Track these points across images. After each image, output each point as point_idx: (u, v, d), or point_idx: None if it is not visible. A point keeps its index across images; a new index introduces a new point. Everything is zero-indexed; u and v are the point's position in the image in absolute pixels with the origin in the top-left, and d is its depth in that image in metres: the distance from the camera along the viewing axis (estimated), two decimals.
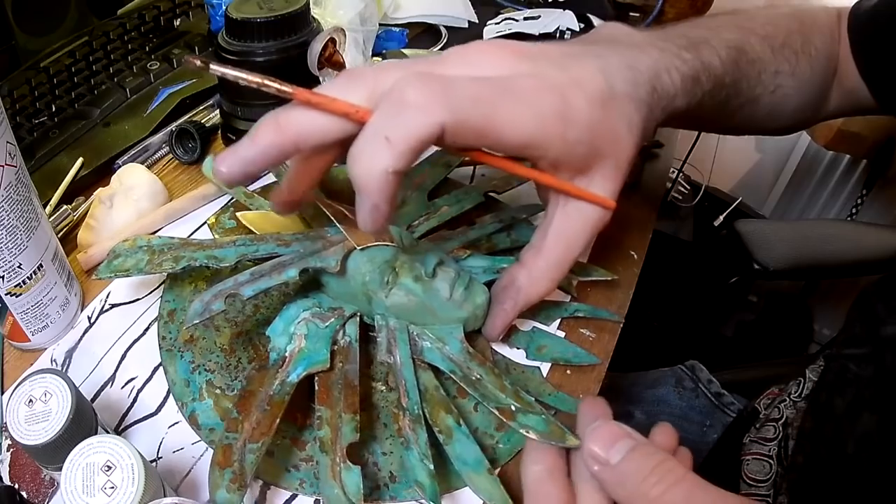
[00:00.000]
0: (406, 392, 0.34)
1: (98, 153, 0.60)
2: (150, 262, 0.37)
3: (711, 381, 0.71)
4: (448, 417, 0.33)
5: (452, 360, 0.35)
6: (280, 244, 0.38)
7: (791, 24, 0.46)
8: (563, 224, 0.35)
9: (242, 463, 0.31)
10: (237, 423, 0.33)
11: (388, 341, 0.36)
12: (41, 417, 0.35)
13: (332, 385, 0.34)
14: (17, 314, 0.44)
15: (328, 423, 0.33)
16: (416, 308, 0.36)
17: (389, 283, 0.36)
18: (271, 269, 0.35)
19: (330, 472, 0.31)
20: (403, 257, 0.36)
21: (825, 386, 0.51)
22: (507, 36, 0.79)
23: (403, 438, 0.33)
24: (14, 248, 0.41)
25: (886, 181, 1.25)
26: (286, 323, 0.36)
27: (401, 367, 0.35)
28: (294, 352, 0.35)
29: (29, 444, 0.35)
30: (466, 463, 0.32)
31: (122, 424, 0.43)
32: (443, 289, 0.36)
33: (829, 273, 0.96)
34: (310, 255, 0.36)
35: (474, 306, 0.36)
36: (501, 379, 0.34)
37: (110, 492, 0.33)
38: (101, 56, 0.71)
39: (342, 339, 0.36)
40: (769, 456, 0.59)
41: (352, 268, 0.36)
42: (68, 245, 0.54)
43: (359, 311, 0.37)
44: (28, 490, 0.40)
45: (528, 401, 0.33)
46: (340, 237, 0.37)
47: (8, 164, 0.39)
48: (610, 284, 0.51)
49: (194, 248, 0.38)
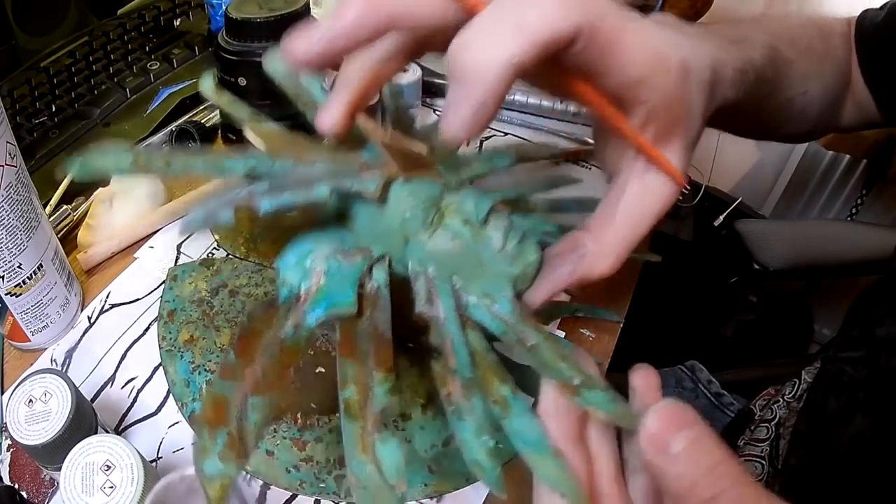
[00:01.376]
0: (454, 351, 0.28)
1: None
2: (136, 164, 0.29)
3: (711, 382, 0.71)
4: (503, 386, 0.27)
5: (503, 320, 0.29)
6: (301, 163, 0.31)
7: (811, 30, 0.46)
8: (639, 196, 0.32)
9: (243, 423, 0.24)
10: (235, 369, 0.26)
11: (427, 290, 0.29)
12: (41, 417, 0.35)
13: (359, 336, 0.28)
14: (17, 314, 0.44)
15: (355, 381, 0.26)
16: (462, 256, 0.30)
17: (434, 224, 0.30)
18: (296, 182, 0.28)
19: (359, 444, 0.25)
20: (452, 197, 0.31)
21: (820, 388, 0.51)
22: None
23: (454, 407, 0.26)
24: (14, 248, 0.41)
25: (886, 181, 1.26)
26: (299, 256, 0.29)
27: (445, 322, 0.28)
28: (312, 289, 0.28)
29: (29, 444, 0.35)
30: (527, 441, 0.26)
31: (122, 424, 0.43)
32: (495, 238, 0.30)
33: (829, 273, 0.96)
34: (343, 174, 0.29)
35: (526, 264, 0.31)
36: (561, 347, 0.28)
37: (109, 491, 0.33)
38: (101, 56, 0.71)
39: (369, 284, 0.30)
40: (761, 457, 0.59)
41: (392, 199, 0.30)
42: (68, 245, 0.54)
43: (388, 255, 0.31)
44: (28, 490, 0.40)
45: (590, 374, 0.27)
46: (375, 162, 0.30)
47: (8, 164, 0.39)
48: (610, 284, 0.51)
49: (192, 155, 0.30)
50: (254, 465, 0.41)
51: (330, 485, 0.41)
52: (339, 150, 0.32)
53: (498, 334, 0.29)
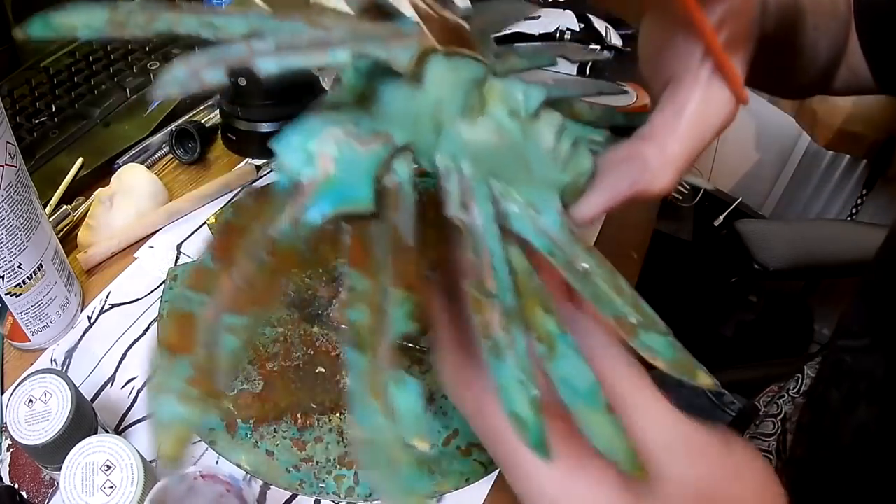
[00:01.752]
0: (493, 269, 0.22)
1: (98, 153, 0.60)
2: (111, 21, 0.22)
3: None
4: (549, 320, 0.22)
5: (551, 236, 0.24)
6: (313, 24, 0.24)
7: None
8: (704, 104, 0.29)
9: (213, 349, 0.18)
10: (210, 276, 0.19)
11: (461, 191, 0.24)
12: (41, 417, 0.35)
13: (375, 241, 0.22)
14: (17, 314, 0.44)
15: (367, 300, 0.21)
16: (506, 153, 0.25)
17: (475, 111, 0.24)
18: (309, 42, 0.22)
19: (368, 385, 0.19)
20: (497, 82, 0.25)
21: (822, 379, 0.51)
22: (507, 36, 0.79)
23: (492, 342, 0.21)
24: (14, 248, 0.41)
25: (886, 181, 1.26)
26: (304, 136, 0.23)
27: (483, 232, 0.23)
28: (318, 177, 0.22)
29: (29, 444, 0.35)
30: (577, 391, 0.21)
31: (122, 424, 0.43)
32: (546, 135, 0.25)
33: (829, 273, 0.96)
34: (368, 39, 0.23)
35: (578, 172, 0.26)
36: (616, 276, 0.23)
37: (109, 491, 0.33)
38: (101, 56, 0.71)
39: (389, 178, 0.24)
40: (769, 451, 0.59)
41: (428, 76, 0.24)
42: (68, 245, 0.54)
43: (413, 146, 0.25)
44: (28, 490, 0.40)
45: (650, 314, 0.23)
46: (411, 32, 0.24)
47: (8, 164, 0.39)
48: None
49: (184, 10, 0.23)
50: (254, 464, 0.41)
51: (330, 485, 0.41)
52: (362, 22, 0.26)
53: (546, 252, 0.24)
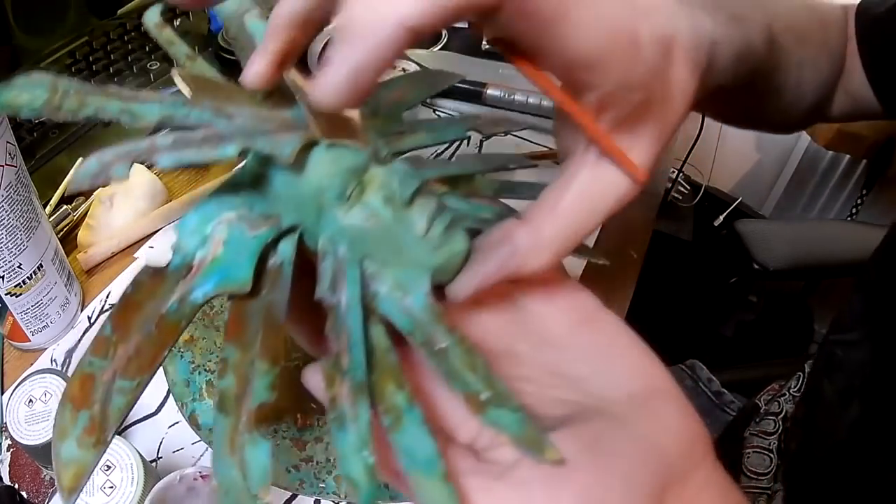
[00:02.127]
0: (349, 347, 0.25)
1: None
2: (48, 103, 0.25)
3: (711, 380, 0.71)
4: (399, 394, 0.25)
5: (413, 316, 0.26)
6: (220, 115, 0.27)
7: (807, 15, 0.44)
8: (588, 188, 0.28)
9: (106, 406, 0.22)
10: (108, 344, 0.23)
11: (333, 274, 0.26)
12: (41, 417, 0.35)
13: (250, 317, 0.25)
14: (17, 314, 0.44)
15: (235, 370, 0.24)
16: (379, 237, 0.27)
17: (352, 198, 0.27)
18: (203, 139, 0.25)
19: (228, 443, 0.22)
20: (377, 170, 0.27)
21: (815, 373, 0.51)
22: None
23: (336, 413, 0.24)
24: (14, 248, 0.41)
25: (886, 181, 1.26)
26: (202, 219, 0.26)
27: (345, 313, 0.25)
28: (206, 259, 0.25)
29: (29, 444, 0.35)
30: (415, 460, 0.23)
31: (122, 424, 0.43)
32: (419, 221, 0.27)
33: (829, 273, 0.96)
34: (256, 134, 0.26)
35: (451, 254, 0.27)
36: (473, 355, 0.25)
37: (109, 491, 0.33)
38: (101, 56, 0.71)
39: (272, 258, 0.26)
40: (769, 450, 0.59)
41: (310, 165, 0.26)
42: (68, 245, 0.54)
43: (300, 227, 0.27)
44: (28, 490, 0.40)
45: (502, 390, 0.25)
46: (300, 122, 0.27)
47: (8, 164, 0.39)
48: (610, 284, 0.51)
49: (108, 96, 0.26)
50: None
51: (330, 485, 0.41)
52: (269, 105, 0.29)
53: (405, 332, 0.26)
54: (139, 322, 0.24)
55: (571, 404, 0.26)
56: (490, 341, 0.28)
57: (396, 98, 0.38)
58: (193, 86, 0.32)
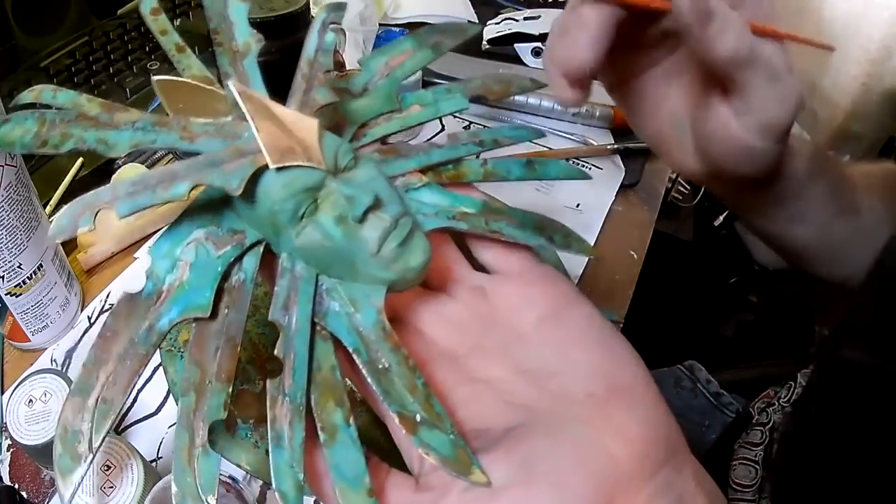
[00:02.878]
0: (292, 370, 0.26)
1: (98, 153, 0.60)
2: (37, 137, 0.27)
3: (710, 381, 0.71)
4: (337, 412, 0.26)
5: (361, 334, 0.27)
6: (184, 136, 0.29)
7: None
8: None
9: (91, 425, 0.25)
10: (91, 370, 0.25)
11: (287, 293, 0.27)
12: (41, 417, 0.35)
13: (209, 338, 0.26)
14: (17, 314, 0.44)
15: (195, 388, 0.25)
16: (332, 255, 0.28)
17: (305, 217, 0.27)
18: (158, 180, 0.26)
19: (185, 454, 0.24)
20: (332, 185, 0.28)
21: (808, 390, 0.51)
22: (507, 36, 0.79)
23: (274, 432, 0.25)
24: (14, 248, 0.41)
25: None
26: (173, 243, 0.28)
27: (294, 334, 0.27)
28: (174, 284, 0.27)
29: (29, 444, 0.35)
30: (343, 476, 0.25)
31: (122, 424, 0.43)
32: (370, 240, 0.27)
33: None
34: (207, 168, 0.27)
35: (405, 269, 0.28)
36: (414, 375, 0.26)
37: (109, 491, 0.33)
38: (101, 56, 0.71)
39: (236, 275, 0.28)
40: (755, 461, 0.59)
41: (261, 191, 0.27)
42: (68, 245, 0.54)
43: (265, 241, 0.29)
44: (28, 490, 0.40)
45: (439, 412, 0.25)
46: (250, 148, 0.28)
47: (8, 164, 0.39)
48: (610, 284, 0.51)
49: (86, 126, 0.29)
50: (253, 464, 0.41)
51: None
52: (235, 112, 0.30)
53: (351, 349, 0.27)
54: (115, 350, 0.26)
55: (522, 410, 0.26)
56: (456, 337, 0.29)
57: (393, 66, 0.37)
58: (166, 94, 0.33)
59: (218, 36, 0.33)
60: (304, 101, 0.31)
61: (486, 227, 0.31)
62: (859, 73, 0.88)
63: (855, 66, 0.85)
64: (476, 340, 0.28)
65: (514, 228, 0.31)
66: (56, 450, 0.24)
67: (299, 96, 0.31)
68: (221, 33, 0.33)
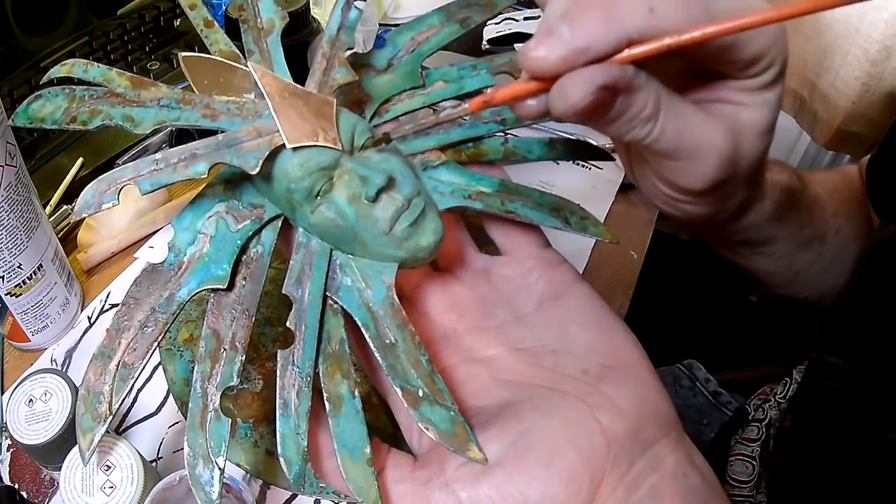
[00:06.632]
0: (303, 342, 0.27)
1: (98, 153, 0.60)
2: (66, 113, 0.29)
3: (709, 380, 0.71)
4: (343, 383, 0.27)
5: (371, 309, 0.28)
6: (207, 114, 0.30)
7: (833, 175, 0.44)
8: None
9: (112, 387, 0.26)
10: (114, 337, 0.26)
11: (301, 267, 0.28)
12: (41, 417, 0.35)
13: (227, 309, 0.28)
14: (17, 314, 0.44)
15: (211, 356, 0.27)
16: (344, 234, 0.29)
17: (321, 195, 0.28)
18: (179, 158, 0.27)
19: (199, 417, 0.25)
20: (348, 165, 0.29)
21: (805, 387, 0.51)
22: (506, 36, 0.79)
23: (282, 400, 0.26)
24: (14, 248, 0.41)
25: None
26: (196, 215, 0.29)
27: (306, 307, 0.28)
28: (195, 256, 0.28)
29: (29, 444, 0.35)
30: (345, 445, 0.26)
31: (123, 424, 0.43)
32: (382, 219, 0.28)
33: None
34: (226, 147, 0.28)
35: (416, 248, 0.29)
36: (419, 351, 0.27)
37: (109, 491, 0.33)
38: (101, 56, 0.71)
39: (254, 248, 0.29)
40: (752, 457, 0.60)
41: (278, 169, 0.28)
42: (68, 245, 0.54)
43: (283, 215, 0.30)
44: (28, 490, 0.40)
45: (441, 388, 0.26)
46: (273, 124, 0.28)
47: (8, 164, 0.39)
48: (610, 284, 0.51)
49: (114, 103, 0.30)
50: (253, 464, 0.42)
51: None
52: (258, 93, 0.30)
53: (360, 324, 0.28)
54: (139, 318, 0.27)
55: (517, 388, 0.26)
56: (458, 318, 0.29)
57: (420, 41, 0.38)
58: (192, 71, 0.34)
59: (243, 13, 0.34)
60: (323, 81, 0.31)
61: (502, 207, 0.31)
62: (859, 74, 0.88)
63: (855, 66, 0.85)
64: (477, 321, 0.29)
65: (529, 209, 0.32)
66: (79, 410, 0.25)
67: (319, 76, 0.32)
68: (247, 10, 0.34)
